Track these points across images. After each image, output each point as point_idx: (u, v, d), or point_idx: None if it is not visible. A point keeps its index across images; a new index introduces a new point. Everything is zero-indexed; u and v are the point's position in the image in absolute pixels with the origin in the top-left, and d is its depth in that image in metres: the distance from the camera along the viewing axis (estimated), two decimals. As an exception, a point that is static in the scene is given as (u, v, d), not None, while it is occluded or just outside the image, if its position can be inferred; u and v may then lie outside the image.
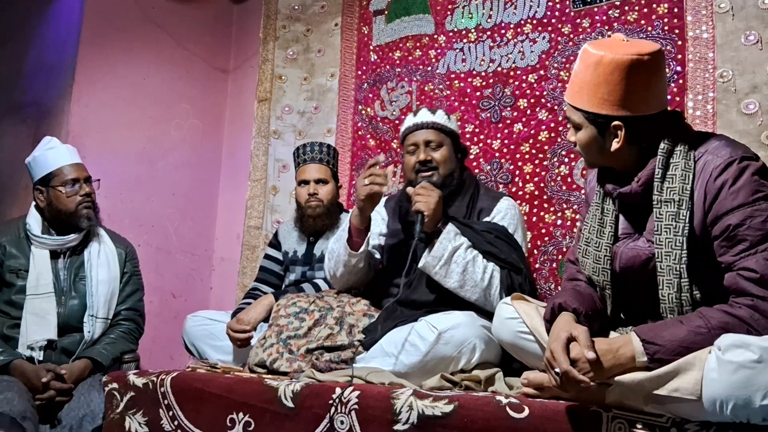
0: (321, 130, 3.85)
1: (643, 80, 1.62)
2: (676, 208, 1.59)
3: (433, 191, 2.28)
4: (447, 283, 2.22)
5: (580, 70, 1.69)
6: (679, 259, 1.58)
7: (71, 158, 2.63)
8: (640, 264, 1.68)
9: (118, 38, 3.65)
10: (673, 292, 1.59)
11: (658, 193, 1.62)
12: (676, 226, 1.59)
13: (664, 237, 1.60)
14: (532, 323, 1.80)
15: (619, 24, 2.98)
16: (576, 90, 1.70)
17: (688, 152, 1.62)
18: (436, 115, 2.50)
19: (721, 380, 1.35)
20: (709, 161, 1.59)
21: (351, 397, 1.82)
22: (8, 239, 2.55)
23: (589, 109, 1.67)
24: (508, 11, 3.31)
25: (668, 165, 1.63)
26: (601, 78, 1.63)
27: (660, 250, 1.60)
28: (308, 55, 4.01)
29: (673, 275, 1.58)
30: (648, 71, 1.62)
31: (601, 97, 1.64)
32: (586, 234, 1.80)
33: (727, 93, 2.69)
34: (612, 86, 1.62)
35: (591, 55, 1.66)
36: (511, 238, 2.34)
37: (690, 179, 1.59)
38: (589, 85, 1.66)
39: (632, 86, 1.62)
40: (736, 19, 2.71)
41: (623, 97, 1.62)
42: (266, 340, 2.36)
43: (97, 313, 2.55)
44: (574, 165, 3.00)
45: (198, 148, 4.08)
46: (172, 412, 2.15)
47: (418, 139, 2.47)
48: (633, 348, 1.49)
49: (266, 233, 3.89)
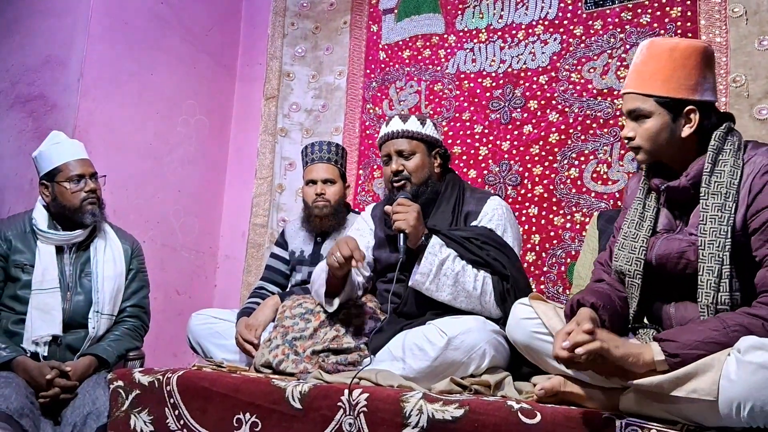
0: (328, 128, 3.84)
1: (710, 68, 1.71)
2: (723, 200, 1.62)
3: (410, 206, 2.23)
4: (440, 297, 2.20)
5: (649, 59, 1.73)
6: (723, 246, 1.59)
7: (77, 154, 2.61)
8: (676, 254, 1.68)
9: (126, 33, 3.63)
10: (713, 278, 1.59)
11: (705, 185, 1.65)
12: (721, 217, 1.61)
13: (709, 226, 1.62)
14: (550, 323, 1.79)
15: (631, 26, 2.96)
16: (647, 77, 1.72)
17: (737, 152, 1.66)
18: (408, 123, 2.43)
19: (739, 381, 1.34)
20: (758, 160, 1.63)
21: (360, 399, 1.80)
22: (14, 233, 2.53)
23: (666, 93, 1.69)
24: (519, 12, 3.29)
25: (717, 161, 1.66)
26: (678, 62, 1.68)
27: (704, 239, 1.61)
28: (316, 53, 4.00)
29: (715, 262, 1.59)
30: (713, 61, 1.73)
31: (677, 81, 1.68)
32: (625, 229, 1.81)
33: (740, 98, 2.68)
34: (688, 70, 1.68)
35: (662, 44, 1.72)
36: (498, 241, 2.29)
37: (738, 175, 1.63)
38: (664, 70, 1.69)
39: (704, 72, 1.69)
40: (749, 24, 2.70)
41: (698, 83, 1.68)
42: (272, 342, 2.34)
43: (103, 310, 2.53)
44: (584, 168, 2.98)
45: (204, 145, 4.06)
46: (178, 411, 2.13)
47: (390, 150, 2.43)
48: (651, 350, 1.49)
49: (272, 231, 3.87)
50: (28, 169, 3.46)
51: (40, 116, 3.52)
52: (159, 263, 3.71)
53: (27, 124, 3.56)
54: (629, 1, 2.99)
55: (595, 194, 2.93)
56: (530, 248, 3.05)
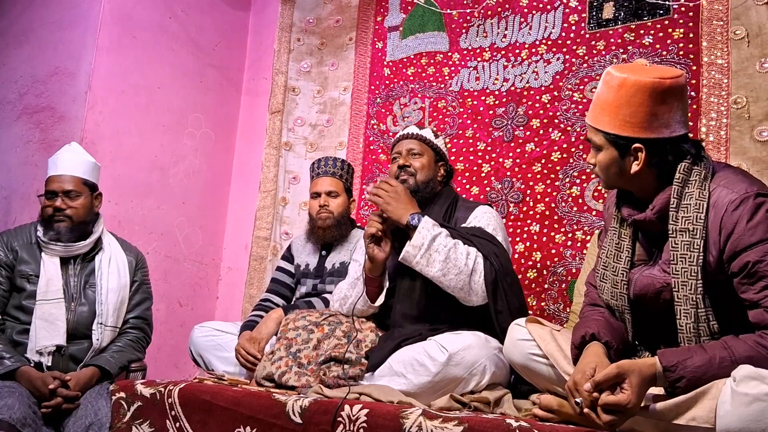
0: (332, 143, 3.87)
1: (665, 104, 1.63)
2: (690, 238, 1.59)
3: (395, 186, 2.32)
4: (429, 272, 2.19)
5: (603, 92, 1.70)
6: (695, 289, 1.57)
7: (62, 168, 2.59)
8: (653, 292, 1.67)
9: (134, 46, 3.68)
10: (691, 322, 1.58)
11: (673, 222, 1.62)
12: (690, 256, 1.58)
13: (680, 267, 1.59)
14: (546, 348, 1.79)
15: (634, 47, 2.99)
16: (598, 111, 1.71)
17: (702, 182, 1.62)
18: (423, 130, 2.57)
19: (734, 412, 1.34)
20: (723, 194, 1.58)
21: (360, 414, 1.81)
22: (20, 244, 2.56)
23: (611, 130, 1.67)
24: (523, 31, 3.33)
25: (683, 194, 1.63)
26: (623, 100, 1.64)
27: (676, 280, 1.59)
28: (322, 68, 4.03)
29: (690, 305, 1.58)
30: (670, 95, 1.63)
31: (622, 118, 1.65)
32: (604, 258, 1.80)
33: (741, 119, 2.69)
34: (634, 108, 1.63)
35: (614, 78, 1.67)
36: (490, 236, 2.32)
37: (704, 209, 1.59)
38: (611, 107, 1.67)
39: (654, 109, 1.62)
40: (751, 46, 2.72)
41: (645, 120, 1.63)
42: (275, 354, 2.36)
43: (106, 322, 2.55)
44: (585, 186, 3.00)
45: (209, 158, 4.10)
46: (179, 424, 2.14)
47: (402, 149, 2.54)
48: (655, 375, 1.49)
49: (274, 244, 3.89)
50: (35, 180, 3.49)
51: (47, 127, 3.55)
52: (162, 274, 3.73)
53: (34, 135, 3.60)
54: (632, 22, 3.02)
55: (596, 212, 2.95)
56: (531, 265, 3.07)
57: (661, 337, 1.70)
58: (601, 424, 1.47)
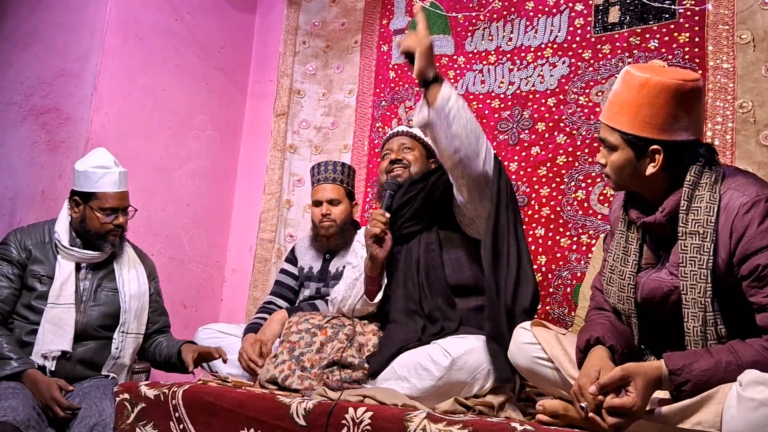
0: (337, 146, 3.87)
1: (685, 106, 1.61)
2: (700, 240, 1.57)
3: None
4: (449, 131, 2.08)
5: (622, 91, 1.67)
6: (704, 292, 1.56)
7: (118, 186, 2.62)
8: (661, 296, 1.66)
9: (140, 49, 3.69)
10: (698, 326, 1.57)
11: (683, 224, 1.61)
12: (700, 259, 1.57)
13: (689, 270, 1.58)
14: (552, 351, 1.78)
15: (639, 51, 2.98)
16: (615, 110, 1.68)
17: (713, 185, 1.61)
18: (413, 128, 2.58)
19: (740, 417, 1.34)
20: (735, 197, 1.57)
21: (364, 417, 1.80)
22: (34, 243, 2.55)
23: (629, 130, 1.65)
24: (528, 34, 3.33)
25: (693, 197, 1.61)
26: (645, 100, 1.62)
27: (685, 283, 1.58)
28: (327, 71, 4.04)
29: (698, 308, 1.57)
30: (690, 98, 1.62)
31: (642, 119, 1.62)
32: (611, 262, 1.79)
33: (746, 124, 2.68)
34: (655, 109, 1.61)
35: (635, 77, 1.65)
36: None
37: (714, 212, 1.58)
38: (631, 107, 1.64)
39: (675, 111, 1.61)
40: (757, 51, 2.72)
41: (665, 122, 1.61)
42: (278, 357, 2.36)
43: (129, 329, 2.57)
44: (591, 190, 3.00)
45: (214, 160, 4.10)
46: (183, 425, 2.14)
47: (393, 145, 2.57)
48: (661, 378, 1.49)
49: (279, 246, 3.89)
50: (40, 181, 3.50)
51: (53, 129, 3.56)
52: (166, 276, 3.73)
53: (40, 137, 3.61)
54: (637, 26, 3.01)
55: (602, 216, 2.94)
56: (536, 269, 3.05)
57: (667, 341, 1.69)
58: (606, 428, 1.47)
